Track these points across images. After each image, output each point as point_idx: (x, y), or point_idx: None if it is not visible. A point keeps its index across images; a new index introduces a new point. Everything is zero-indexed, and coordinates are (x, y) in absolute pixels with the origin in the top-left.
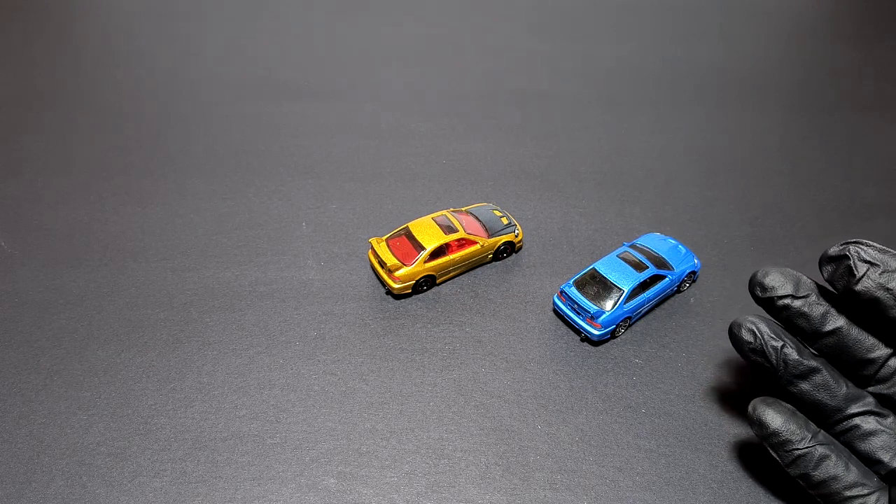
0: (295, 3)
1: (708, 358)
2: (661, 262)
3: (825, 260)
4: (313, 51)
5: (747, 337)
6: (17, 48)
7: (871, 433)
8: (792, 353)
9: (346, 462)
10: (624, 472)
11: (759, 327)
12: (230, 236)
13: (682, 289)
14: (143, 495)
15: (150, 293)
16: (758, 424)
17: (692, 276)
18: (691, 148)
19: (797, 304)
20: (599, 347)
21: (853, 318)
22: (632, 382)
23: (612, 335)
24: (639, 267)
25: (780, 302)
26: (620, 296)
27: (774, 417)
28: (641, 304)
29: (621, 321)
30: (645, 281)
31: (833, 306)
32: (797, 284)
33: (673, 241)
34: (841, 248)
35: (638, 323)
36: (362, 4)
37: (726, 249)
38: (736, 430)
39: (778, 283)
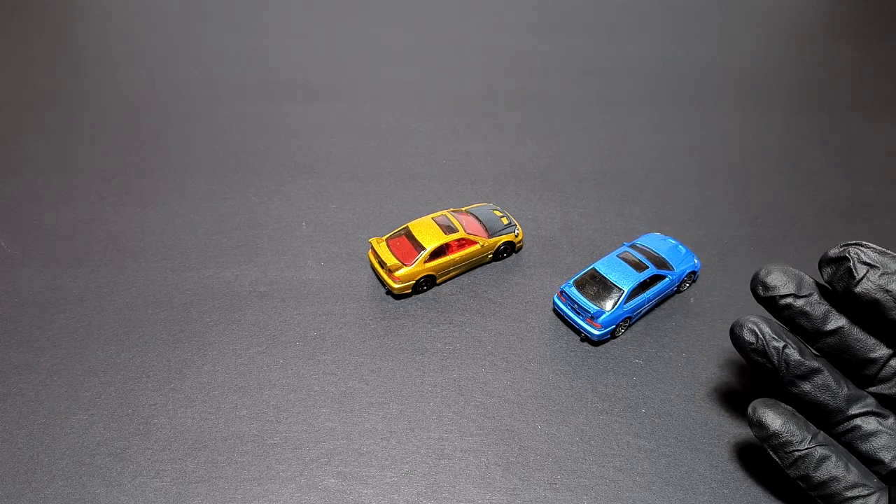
0: (295, 3)
1: (708, 358)
2: (661, 262)
3: (825, 261)
4: (313, 51)
5: (749, 338)
6: (17, 48)
7: (872, 434)
8: (793, 353)
9: (346, 462)
10: (624, 472)
11: (761, 328)
12: (230, 236)
13: (682, 289)
14: (143, 495)
15: (150, 293)
16: (758, 426)
17: (692, 276)
18: (691, 148)
19: (799, 303)
20: (599, 347)
21: (854, 319)
22: (632, 382)
23: (612, 335)
24: (639, 267)
25: (783, 301)
26: (620, 296)
27: (774, 419)
28: (641, 304)
29: (621, 321)
30: (645, 281)
31: (835, 306)
32: (799, 283)
33: (673, 241)
34: (841, 249)
35: (638, 323)
36: (362, 4)
37: (726, 249)
38: (736, 430)
39: (780, 282)
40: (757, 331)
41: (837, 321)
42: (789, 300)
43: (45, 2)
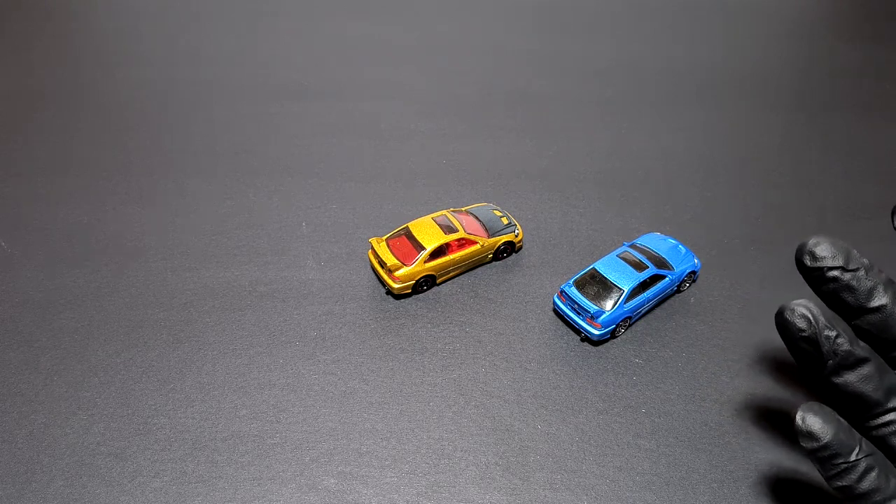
0: (295, 4)
1: (708, 358)
2: (661, 262)
3: None
4: (313, 51)
5: (801, 324)
6: (17, 48)
7: None
8: (844, 343)
9: (346, 462)
10: (624, 472)
11: (815, 314)
12: (230, 236)
13: (682, 289)
14: (143, 495)
15: (150, 293)
16: (807, 436)
17: (692, 276)
18: (691, 148)
19: (847, 276)
20: (599, 347)
21: None
22: (632, 382)
23: (612, 335)
24: (639, 267)
25: (830, 273)
26: (620, 296)
27: (825, 429)
28: (641, 304)
29: (621, 321)
30: (645, 281)
31: (881, 283)
32: (848, 256)
33: (673, 241)
34: None
35: (638, 323)
36: (362, 4)
37: (726, 249)
38: (736, 430)
39: (829, 253)
40: (811, 317)
41: (882, 298)
42: (836, 273)
43: (45, 2)
